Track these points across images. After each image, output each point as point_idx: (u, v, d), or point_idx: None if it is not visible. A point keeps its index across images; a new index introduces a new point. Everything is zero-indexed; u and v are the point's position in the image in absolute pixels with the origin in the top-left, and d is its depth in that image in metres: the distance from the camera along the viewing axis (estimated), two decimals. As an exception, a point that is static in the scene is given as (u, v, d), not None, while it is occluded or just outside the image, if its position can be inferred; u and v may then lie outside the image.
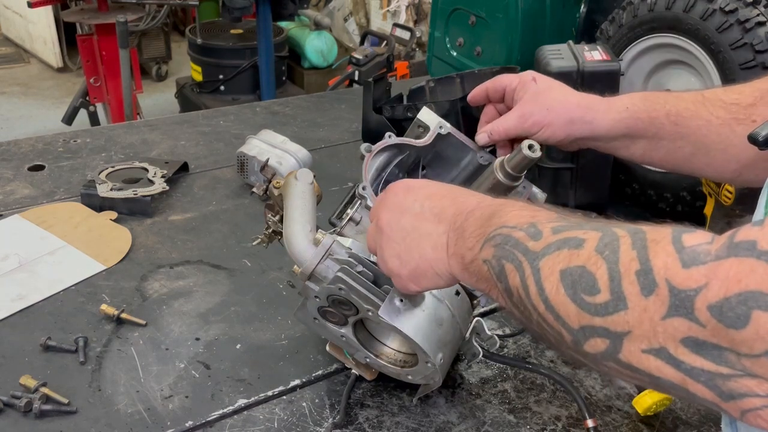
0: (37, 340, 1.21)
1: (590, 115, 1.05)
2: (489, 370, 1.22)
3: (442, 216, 0.82)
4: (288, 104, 2.41)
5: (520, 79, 1.10)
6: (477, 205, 0.80)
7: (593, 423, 1.06)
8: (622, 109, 1.06)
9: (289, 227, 1.04)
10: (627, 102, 1.06)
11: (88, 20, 3.96)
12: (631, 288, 0.59)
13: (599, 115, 1.06)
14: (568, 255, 0.65)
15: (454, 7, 2.20)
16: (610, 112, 1.05)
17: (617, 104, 1.06)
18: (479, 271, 0.76)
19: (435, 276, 0.84)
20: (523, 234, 0.70)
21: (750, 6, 1.49)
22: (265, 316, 1.33)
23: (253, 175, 1.74)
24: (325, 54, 5.25)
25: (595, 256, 0.62)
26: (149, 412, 1.10)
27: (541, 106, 1.06)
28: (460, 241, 0.79)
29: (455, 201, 0.83)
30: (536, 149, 0.91)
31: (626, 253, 0.60)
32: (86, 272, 1.41)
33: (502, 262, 0.71)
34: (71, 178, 1.78)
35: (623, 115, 1.05)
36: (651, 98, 1.07)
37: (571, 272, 0.64)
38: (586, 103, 1.07)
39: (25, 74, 6.17)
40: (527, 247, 0.69)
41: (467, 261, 0.78)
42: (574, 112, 1.06)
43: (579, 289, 0.63)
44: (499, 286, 0.73)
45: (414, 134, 1.16)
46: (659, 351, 0.58)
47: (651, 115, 1.04)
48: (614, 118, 1.05)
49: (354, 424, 1.10)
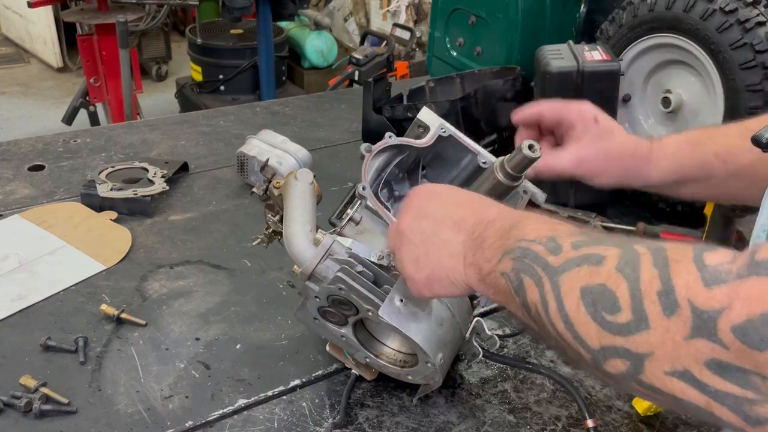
0: (37, 340, 1.21)
1: (643, 166, 1.03)
2: (489, 370, 1.22)
3: (462, 224, 0.82)
4: (288, 104, 2.41)
5: (580, 115, 1.03)
6: (497, 216, 0.80)
7: (593, 423, 1.06)
8: (669, 156, 1.03)
9: (289, 227, 1.04)
10: (673, 148, 1.03)
11: (88, 20, 3.96)
12: (653, 308, 0.58)
13: (650, 165, 1.03)
14: (588, 272, 0.64)
15: (454, 7, 2.20)
16: (660, 161, 1.03)
17: (665, 151, 1.03)
18: (496, 284, 0.75)
19: (450, 284, 0.83)
20: (543, 248, 0.70)
21: (750, 6, 1.49)
22: (265, 316, 1.33)
23: (253, 175, 1.74)
24: (325, 54, 5.26)
25: (616, 274, 0.62)
26: (149, 412, 1.10)
27: (599, 154, 1.02)
28: (479, 251, 0.79)
29: (476, 210, 0.83)
30: (536, 149, 0.90)
31: (647, 272, 0.60)
32: (86, 272, 1.41)
33: (521, 276, 0.71)
34: (71, 178, 1.78)
35: (672, 163, 1.02)
36: (697, 140, 1.04)
37: (592, 290, 0.63)
38: (638, 151, 1.03)
39: (25, 74, 6.17)
40: (547, 262, 0.68)
41: (484, 272, 0.77)
42: (628, 162, 1.03)
43: (600, 308, 0.62)
44: (516, 300, 0.72)
45: (414, 134, 1.15)
46: (683, 374, 0.57)
47: (701, 159, 1.02)
48: (664, 168, 1.03)
49: (354, 424, 1.10)
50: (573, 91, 1.65)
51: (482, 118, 1.86)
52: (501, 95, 1.87)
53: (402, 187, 1.19)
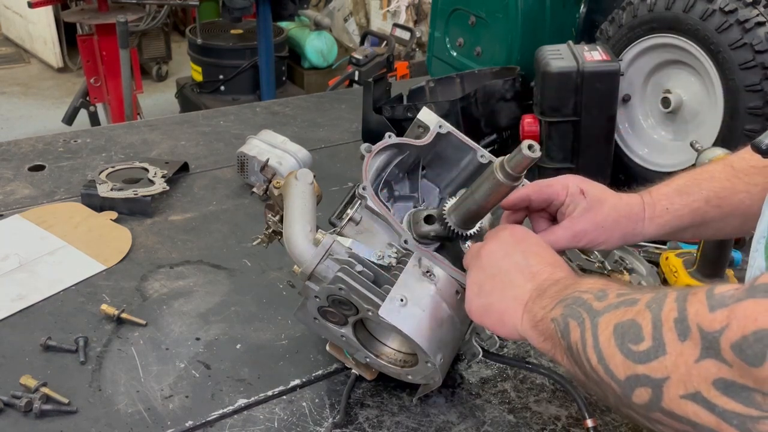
0: (37, 340, 1.21)
1: (639, 226, 1.04)
2: (489, 370, 1.22)
3: (536, 277, 0.88)
4: (288, 104, 2.41)
5: (567, 191, 1.05)
6: (564, 276, 0.87)
7: (593, 423, 1.06)
8: (663, 211, 1.04)
9: (289, 227, 1.04)
10: (665, 202, 1.04)
11: (88, 20, 3.96)
12: (670, 335, 0.63)
13: (645, 224, 1.04)
14: (623, 311, 0.70)
15: (454, 7, 2.20)
16: (654, 219, 1.04)
17: (657, 207, 1.04)
18: (546, 329, 0.81)
19: (499, 322, 0.90)
20: (591, 296, 0.77)
21: (750, 6, 1.50)
22: (265, 316, 1.33)
23: (253, 175, 1.74)
24: (325, 54, 5.26)
25: (644, 310, 0.67)
26: (149, 412, 1.10)
27: (594, 225, 1.03)
28: (538, 300, 0.85)
29: (552, 268, 0.89)
30: (536, 149, 0.90)
31: (669, 305, 0.65)
32: (86, 272, 1.41)
33: (568, 320, 0.77)
34: (71, 178, 1.78)
35: (666, 218, 1.04)
36: (685, 189, 1.05)
37: (623, 324, 0.69)
38: (632, 213, 1.04)
39: (25, 74, 6.17)
40: (591, 306, 0.75)
41: (538, 319, 0.83)
42: (624, 226, 1.04)
43: (626, 339, 0.67)
44: (562, 344, 0.78)
45: (414, 134, 1.16)
46: (695, 395, 0.60)
47: (692, 208, 1.04)
48: (659, 224, 1.04)
49: (354, 423, 1.10)
50: (573, 91, 1.65)
51: (482, 118, 1.86)
52: (501, 95, 1.87)
53: (402, 186, 1.20)
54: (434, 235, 1.06)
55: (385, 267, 1.01)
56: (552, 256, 0.93)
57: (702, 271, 1.33)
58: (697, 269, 1.34)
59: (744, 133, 1.53)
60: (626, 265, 1.42)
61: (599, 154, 1.72)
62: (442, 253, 1.07)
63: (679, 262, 1.37)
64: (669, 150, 1.76)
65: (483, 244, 0.96)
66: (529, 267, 0.90)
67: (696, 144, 1.43)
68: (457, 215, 1.03)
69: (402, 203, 1.19)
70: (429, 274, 1.00)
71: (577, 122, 1.68)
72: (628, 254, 1.43)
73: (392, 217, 1.04)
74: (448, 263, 1.03)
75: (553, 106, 1.68)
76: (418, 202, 1.19)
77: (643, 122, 1.81)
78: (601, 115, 1.68)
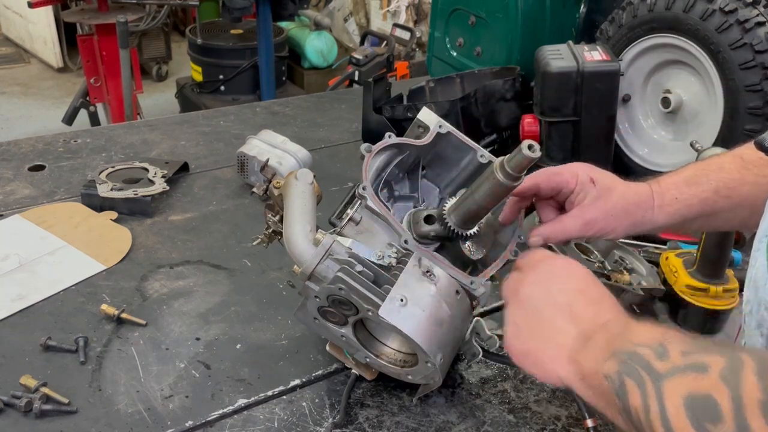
0: (37, 340, 1.21)
1: (648, 214, 1.03)
2: (489, 370, 1.22)
3: (579, 320, 0.84)
4: (288, 104, 2.41)
5: (577, 180, 1.04)
6: (611, 319, 0.82)
7: (593, 423, 1.06)
8: (672, 200, 1.03)
9: (289, 227, 1.04)
10: (674, 191, 1.04)
11: (88, 20, 3.96)
12: (756, 421, 0.58)
13: (654, 212, 1.04)
14: (693, 379, 0.65)
15: (454, 7, 2.20)
16: (663, 207, 1.03)
17: (667, 196, 1.04)
18: (599, 386, 0.75)
19: (540, 368, 0.85)
20: (650, 352, 0.70)
21: (750, 6, 1.50)
22: (265, 316, 1.33)
23: (253, 175, 1.75)
24: (325, 54, 5.26)
25: (720, 384, 0.62)
26: (149, 412, 1.10)
27: (604, 213, 1.02)
28: (584, 351, 0.80)
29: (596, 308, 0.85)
30: (536, 149, 0.90)
31: (749, 381, 0.60)
32: (86, 272, 1.41)
33: (624, 378, 0.71)
34: (71, 178, 1.78)
35: (676, 207, 1.03)
36: (694, 179, 1.04)
37: (694, 398, 0.63)
38: (641, 201, 1.04)
39: (25, 74, 6.17)
40: (652, 366, 0.69)
41: (586, 372, 0.78)
42: (634, 214, 1.03)
43: (702, 418, 0.62)
44: (617, 404, 0.72)
45: (414, 134, 1.16)
46: None
47: (701, 198, 1.03)
48: (668, 212, 1.03)
49: (354, 423, 1.10)
50: (573, 91, 1.65)
51: (482, 118, 1.86)
52: (501, 95, 1.87)
53: (402, 186, 1.20)
54: (434, 235, 1.06)
55: (385, 267, 1.01)
56: (597, 291, 0.88)
57: (702, 271, 1.33)
58: (697, 269, 1.34)
59: (744, 133, 1.53)
60: (626, 265, 1.42)
61: (599, 154, 1.72)
62: (442, 253, 1.07)
63: (679, 262, 1.37)
64: (669, 150, 1.76)
65: (521, 276, 0.92)
66: (570, 307, 0.85)
67: (696, 144, 1.43)
68: (457, 215, 1.03)
69: (402, 203, 1.19)
70: (429, 274, 1.00)
71: (577, 122, 1.68)
72: (628, 254, 1.43)
73: (392, 217, 1.04)
74: (448, 263, 1.03)
75: (553, 106, 1.68)
76: (418, 202, 1.19)
77: (643, 122, 1.81)
78: (601, 115, 1.68)
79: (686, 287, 1.34)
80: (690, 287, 1.34)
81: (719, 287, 1.32)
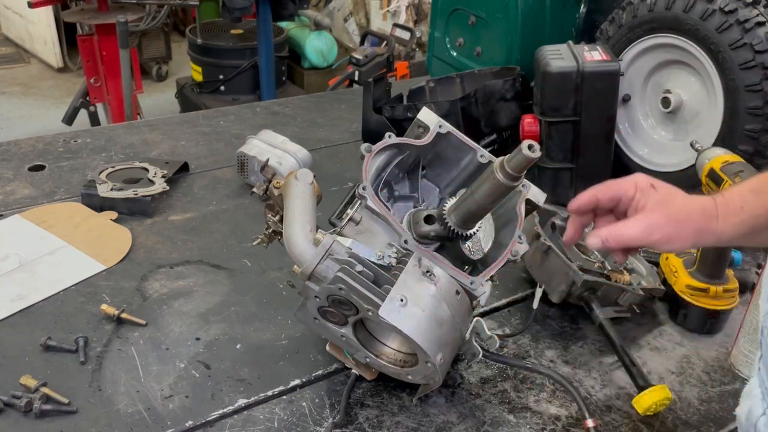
0: (37, 340, 1.21)
1: (713, 224, 0.99)
2: (489, 370, 1.23)
3: None
4: (288, 104, 2.41)
5: (636, 186, 1.00)
6: None
7: (593, 423, 1.06)
8: (737, 210, 0.99)
9: (289, 227, 1.04)
10: (739, 200, 0.99)
11: (88, 20, 3.96)
12: None
13: (720, 222, 0.99)
14: None
15: (454, 7, 2.20)
16: (729, 217, 0.99)
17: (732, 205, 0.99)
18: None
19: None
20: None
21: (750, 6, 1.50)
22: (265, 316, 1.33)
23: (253, 175, 1.75)
24: (325, 54, 5.26)
25: None
26: (149, 412, 1.10)
27: (667, 218, 0.97)
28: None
29: None
30: (536, 149, 0.90)
31: None
32: (86, 272, 1.41)
33: None
34: (71, 178, 1.78)
35: (742, 217, 0.99)
36: (760, 188, 1.00)
37: None
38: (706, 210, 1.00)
39: (25, 74, 6.17)
40: None
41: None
42: (699, 222, 0.99)
43: None
44: None
45: (414, 134, 1.16)
46: None
47: None
48: (734, 223, 0.99)
49: (354, 423, 1.10)
50: (573, 91, 1.65)
51: (482, 118, 1.86)
52: (501, 95, 1.87)
53: (402, 186, 1.20)
54: (434, 235, 1.06)
55: (385, 267, 1.01)
56: None
57: (702, 271, 1.33)
58: (697, 269, 1.34)
59: (744, 133, 1.53)
60: (626, 265, 1.42)
61: (599, 154, 1.72)
62: (442, 253, 1.07)
63: (679, 262, 1.37)
64: (669, 150, 1.76)
65: None
66: None
67: (696, 144, 1.44)
68: (457, 215, 1.03)
69: (402, 203, 1.19)
70: (429, 274, 1.00)
71: (577, 122, 1.68)
72: (628, 254, 1.43)
73: (392, 217, 1.04)
74: (448, 263, 1.03)
75: (553, 106, 1.68)
76: (418, 202, 1.19)
77: (643, 122, 1.81)
78: (601, 115, 1.68)
79: (686, 287, 1.34)
80: (690, 287, 1.34)
81: (719, 287, 1.32)
